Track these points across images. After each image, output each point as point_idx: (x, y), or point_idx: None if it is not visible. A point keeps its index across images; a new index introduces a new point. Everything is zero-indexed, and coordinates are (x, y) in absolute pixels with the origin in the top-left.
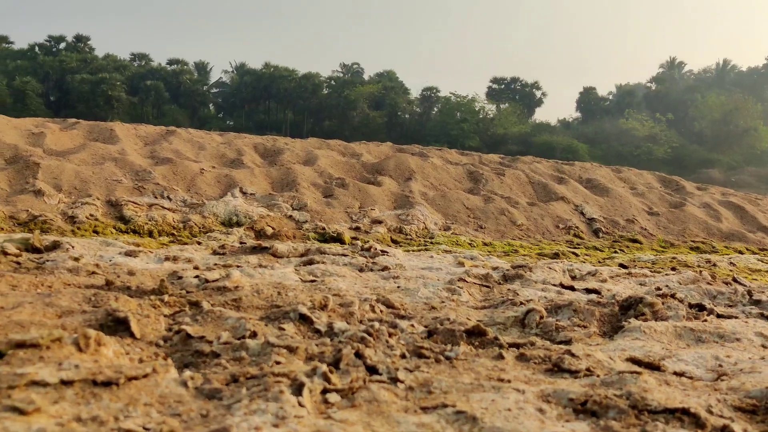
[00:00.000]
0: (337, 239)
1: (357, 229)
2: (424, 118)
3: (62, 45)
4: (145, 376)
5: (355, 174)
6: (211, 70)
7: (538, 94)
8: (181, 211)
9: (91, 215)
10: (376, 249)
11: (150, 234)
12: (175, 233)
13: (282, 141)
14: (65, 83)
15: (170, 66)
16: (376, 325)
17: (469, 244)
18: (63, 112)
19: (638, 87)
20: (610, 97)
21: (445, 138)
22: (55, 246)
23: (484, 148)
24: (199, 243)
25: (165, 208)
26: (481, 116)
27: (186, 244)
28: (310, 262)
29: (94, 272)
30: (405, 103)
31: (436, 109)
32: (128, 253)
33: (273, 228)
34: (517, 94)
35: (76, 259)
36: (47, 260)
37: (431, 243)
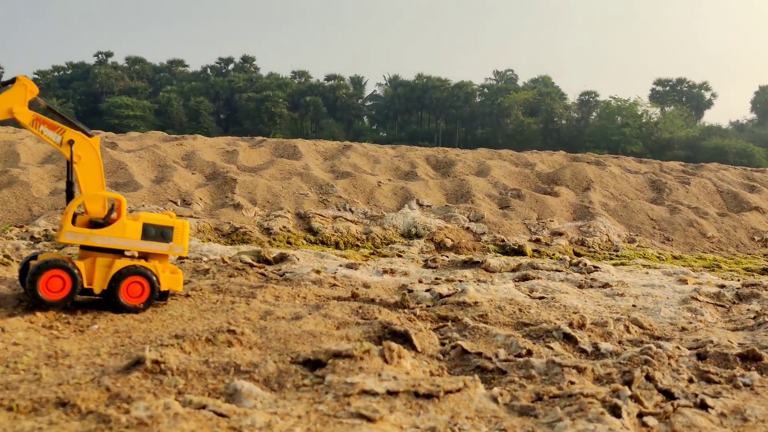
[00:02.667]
0: (519, 252)
1: (537, 241)
2: (582, 124)
3: (231, 66)
4: (458, 390)
5: (530, 184)
6: (366, 83)
7: (707, 95)
8: (363, 222)
9: (284, 227)
10: (586, 264)
11: (336, 245)
12: (359, 244)
13: (453, 152)
14: (233, 101)
15: (328, 81)
16: (653, 347)
17: (657, 257)
18: (231, 128)
19: None
20: None
21: (604, 143)
22: (282, 258)
23: (647, 154)
24: (399, 256)
25: (348, 220)
26: (644, 120)
27: (386, 256)
28: (526, 278)
29: (334, 284)
30: (561, 109)
31: (594, 114)
32: (349, 266)
33: (452, 240)
34: (683, 96)
35: (318, 272)
36: (287, 272)
37: (617, 256)
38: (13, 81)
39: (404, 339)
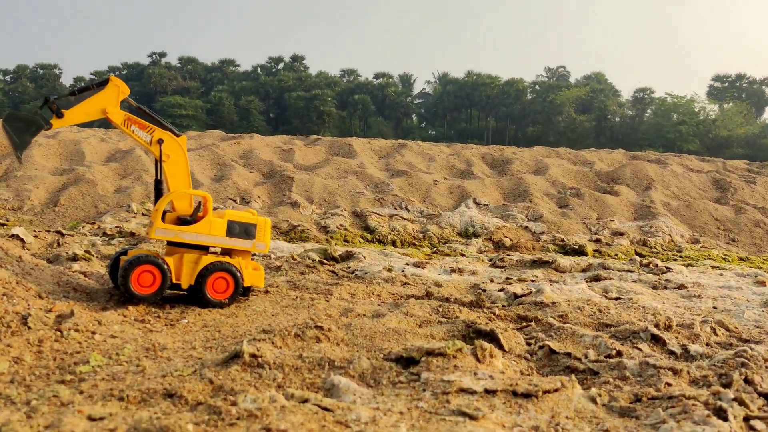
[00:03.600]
0: (579, 252)
1: (597, 241)
2: (636, 121)
3: (281, 65)
4: (556, 390)
5: (589, 183)
6: (415, 81)
7: None
8: (419, 221)
9: (341, 225)
10: (658, 265)
11: (393, 243)
12: (416, 243)
13: (509, 150)
14: (283, 100)
15: (376, 80)
16: (748, 350)
17: (723, 258)
18: (281, 127)
19: None
20: None
21: (660, 141)
22: (348, 256)
23: (705, 152)
24: (463, 255)
25: (404, 219)
26: (701, 117)
27: (448, 255)
28: (598, 278)
29: (406, 283)
30: (615, 106)
31: (649, 111)
32: (416, 264)
33: (510, 239)
34: (743, 93)
35: (389, 270)
36: (356, 270)
37: (680, 257)
38: (105, 82)
39: (490, 338)
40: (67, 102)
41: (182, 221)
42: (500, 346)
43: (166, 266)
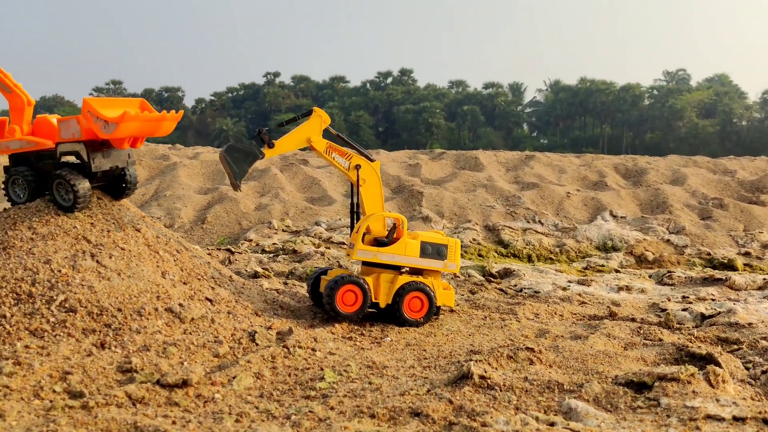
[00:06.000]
0: (728, 266)
1: (746, 254)
2: (765, 125)
3: (389, 79)
4: None
5: (732, 193)
6: (525, 90)
7: None
8: (554, 235)
9: (474, 239)
10: None
11: (529, 258)
12: (553, 257)
13: (643, 160)
14: (391, 114)
15: (485, 90)
16: None
17: None
18: (390, 141)
19: None
20: None
21: None
22: (507, 273)
23: None
24: (617, 271)
25: (539, 233)
26: None
27: (601, 271)
28: None
29: (583, 302)
30: (741, 109)
31: None
32: (580, 282)
33: (652, 253)
34: None
35: (564, 289)
36: (524, 288)
37: None
38: (309, 113)
39: (706, 362)
40: (276, 133)
41: (378, 242)
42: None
43: (367, 286)
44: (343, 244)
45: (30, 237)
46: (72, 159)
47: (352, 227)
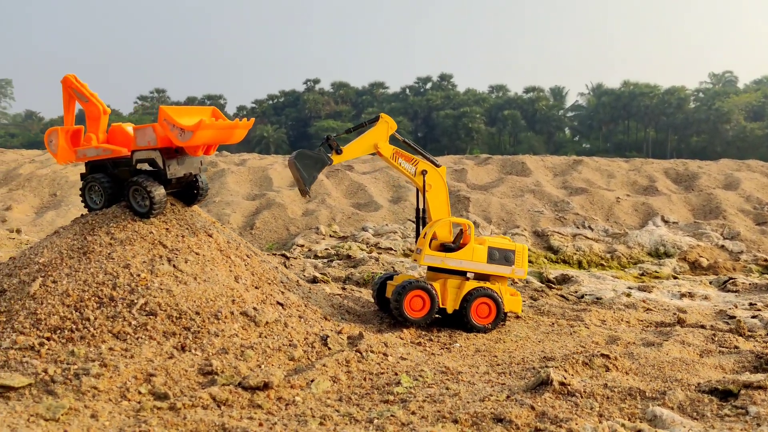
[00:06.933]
0: None
1: None
2: None
3: (429, 85)
4: None
5: None
6: (567, 94)
7: None
8: (605, 240)
9: None
10: None
11: (579, 264)
12: (604, 263)
13: (694, 164)
14: (431, 119)
15: (526, 94)
16: None
17: None
18: (429, 146)
19: None
20: None
21: None
22: (565, 279)
23: None
24: (675, 277)
25: (589, 238)
26: None
27: (658, 278)
28: None
29: (648, 309)
30: None
31: None
32: (641, 289)
33: (706, 259)
34: None
35: (628, 296)
36: (585, 294)
37: None
38: (376, 119)
39: None
40: (343, 139)
41: (445, 248)
42: None
43: (434, 291)
44: (391, 249)
45: (108, 242)
46: (145, 166)
47: (417, 233)
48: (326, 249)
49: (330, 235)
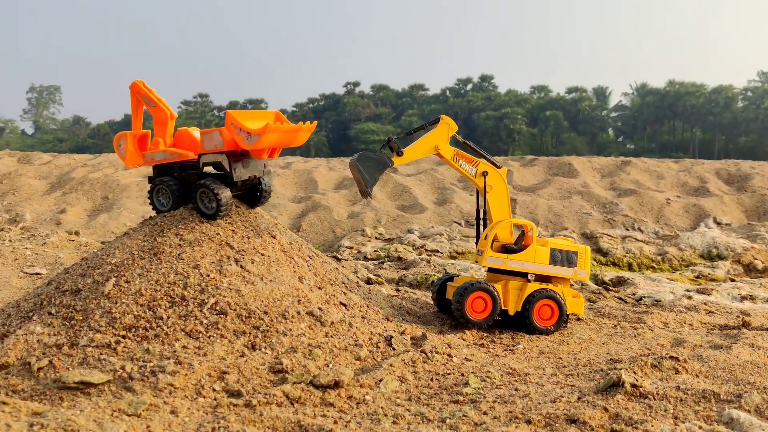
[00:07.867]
0: None
1: None
2: None
3: (469, 86)
4: None
5: None
6: (610, 94)
7: None
8: (655, 242)
9: None
10: None
11: (629, 266)
12: (655, 266)
13: (746, 165)
14: (471, 121)
15: (569, 94)
16: None
17: None
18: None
19: None
20: None
21: None
22: (620, 281)
23: None
24: (732, 280)
25: (638, 240)
26: None
27: (715, 280)
28: None
29: (710, 311)
30: None
31: None
32: (700, 291)
33: (762, 261)
34: None
35: (689, 298)
36: (643, 296)
37: None
38: (436, 121)
39: None
40: (405, 141)
41: (506, 249)
42: None
43: (496, 293)
44: (437, 251)
45: (178, 243)
46: (210, 169)
47: (478, 234)
48: (375, 251)
49: (376, 237)
